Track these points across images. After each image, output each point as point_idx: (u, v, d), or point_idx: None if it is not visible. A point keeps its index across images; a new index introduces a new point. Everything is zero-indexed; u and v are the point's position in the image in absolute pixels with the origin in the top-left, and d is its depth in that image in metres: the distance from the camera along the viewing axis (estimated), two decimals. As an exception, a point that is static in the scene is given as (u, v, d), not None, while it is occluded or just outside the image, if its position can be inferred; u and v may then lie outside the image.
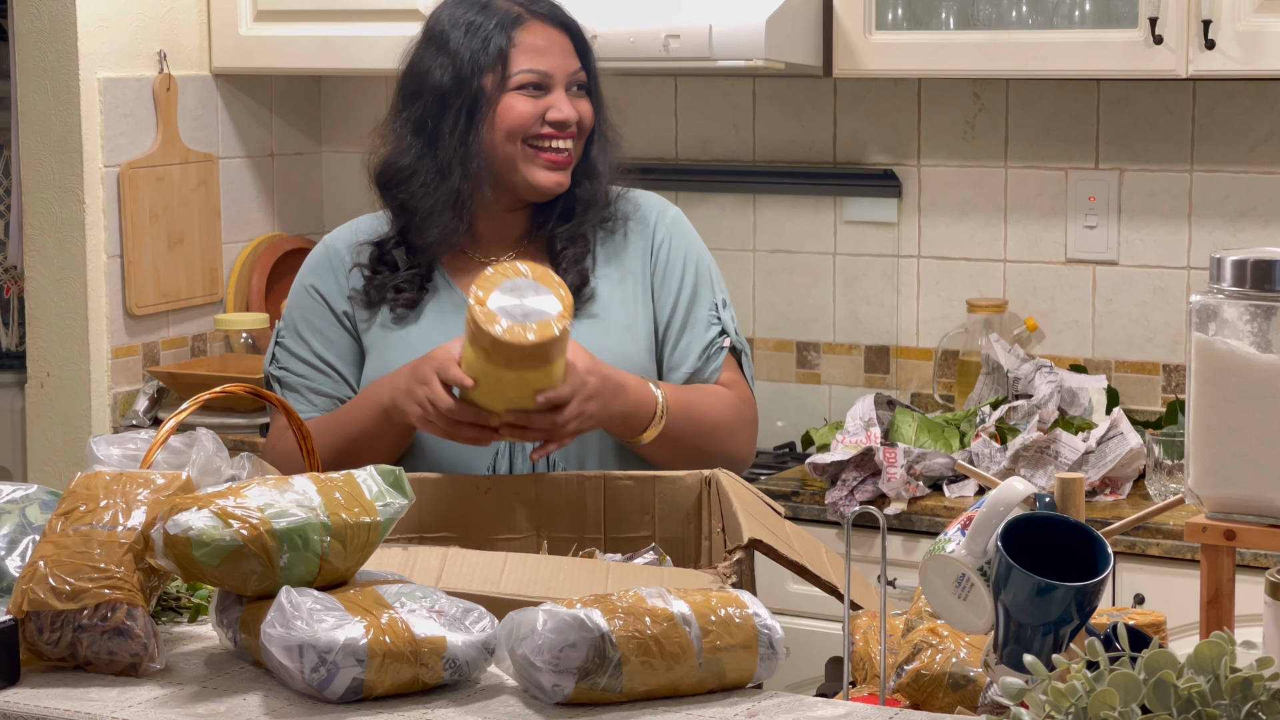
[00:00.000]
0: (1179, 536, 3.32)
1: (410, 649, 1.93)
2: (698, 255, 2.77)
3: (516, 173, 2.68)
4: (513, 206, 2.73)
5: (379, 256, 2.72)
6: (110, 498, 2.07)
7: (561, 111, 2.67)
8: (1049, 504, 1.96)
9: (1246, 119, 3.81)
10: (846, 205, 4.17)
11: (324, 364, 2.71)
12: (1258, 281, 1.97)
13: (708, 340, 2.73)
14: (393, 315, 2.70)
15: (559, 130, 2.67)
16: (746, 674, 1.97)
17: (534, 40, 2.69)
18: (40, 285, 4.19)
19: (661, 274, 2.74)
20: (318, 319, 2.72)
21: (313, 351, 2.72)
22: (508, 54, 2.67)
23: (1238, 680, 1.63)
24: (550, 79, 2.68)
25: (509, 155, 2.67)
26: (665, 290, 2.74)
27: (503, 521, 2.54)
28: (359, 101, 4.68)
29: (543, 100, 2.68)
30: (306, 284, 2.75)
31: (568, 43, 2.71)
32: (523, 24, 2.69)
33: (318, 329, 2.72)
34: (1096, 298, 3.97)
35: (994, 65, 3.72)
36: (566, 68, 2.69)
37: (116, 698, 1.96)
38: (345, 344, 2.72)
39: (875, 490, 3.56)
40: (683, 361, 2.72)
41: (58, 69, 4.12)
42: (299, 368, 2.72)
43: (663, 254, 2.75)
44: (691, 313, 2.74)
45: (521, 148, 2.67)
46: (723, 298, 2.77)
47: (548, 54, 2.68)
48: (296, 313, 2.75)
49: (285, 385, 2.71)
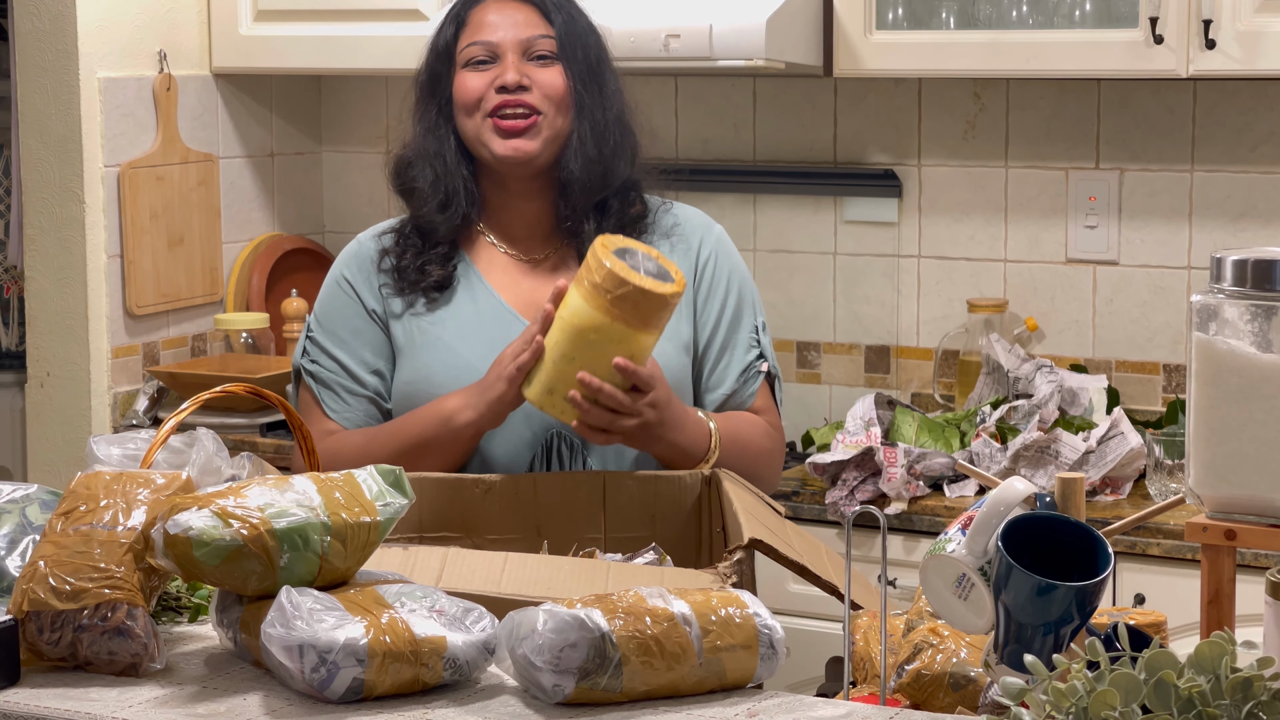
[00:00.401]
0: (1179, 536, 3.32)
1: (410, 649, 1.93)
2: (741, 276, 2.75)
3: (483, 146, 2.67)
4: (524, 194, 2.71)
5: (402, 238, 2.72)
6: (110, 498, 2.07)
7: (504, 76, 2.65)
8: (1049, 504, 1.96)
9: (1247, 119, 3.81)
10: (847, 205, 4.17)
11: (358, 362, 2.69)
12: (1258, 281, 1.97)
13: (746, 363, 2.71)
14: (426, 301, 2.68)
15: (507, 95, 2.64)
16: (747, 674, 1.97)
17: (485, 16, 2.69)
18: (40, 285, 4.19)
19: (706, 292, 2.72)
20: (350, 314, 2.71)
21: (346, 349, 2.69)
22: (458, 34, 2.69)
23: (1238, 680, 1.63)
24: (497, 48, 2.67)
25: (474, 131, 2.67)
26: (708, 309, 2.71)
27: (503, 521, 2.54)
28: (359, 101, 4.68)
29: (491, 71, 2.66)
30: (338, 278, 2.74)
31: (531, 14, 2.69)
32: (480, 2, 2.70)
33: (351, 325, 2.70)
34: (1097, 298, 3.97)
35: (994, 65, 3.72)
36: (518, 36, 2.67)
37: (116, 698, 1.96)
38: (378, 339, 2.70)
39: (875, 490, 3.56)
40: (721, 382, 2.70)
41: (58, 69, 4.12)
42: (332, 365, 2.70)
43: (708, 272, 2.72)
44: (733, 334, 2.71)
45: (482, 120, 2.66)
46: (762, 321, 2.75)
47: (498, 27, 2.68)
48: (329, 307, 2.73)
49: (320, 381, 2.70)
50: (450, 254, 2.70)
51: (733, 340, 2.71)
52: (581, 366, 2.44)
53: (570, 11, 2.72)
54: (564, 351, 2.45)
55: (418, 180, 2.70)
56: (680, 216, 2.76)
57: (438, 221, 2.69)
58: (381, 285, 2.70)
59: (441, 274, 2.68)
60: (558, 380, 2.46)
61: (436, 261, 2.69)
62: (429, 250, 2.70)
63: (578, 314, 2.43)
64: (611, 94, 2.73)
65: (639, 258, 2.44)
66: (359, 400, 2.69)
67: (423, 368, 2.65)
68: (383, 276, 2.71)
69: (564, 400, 2.46)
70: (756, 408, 2.72)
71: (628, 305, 2.41)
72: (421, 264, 2.69)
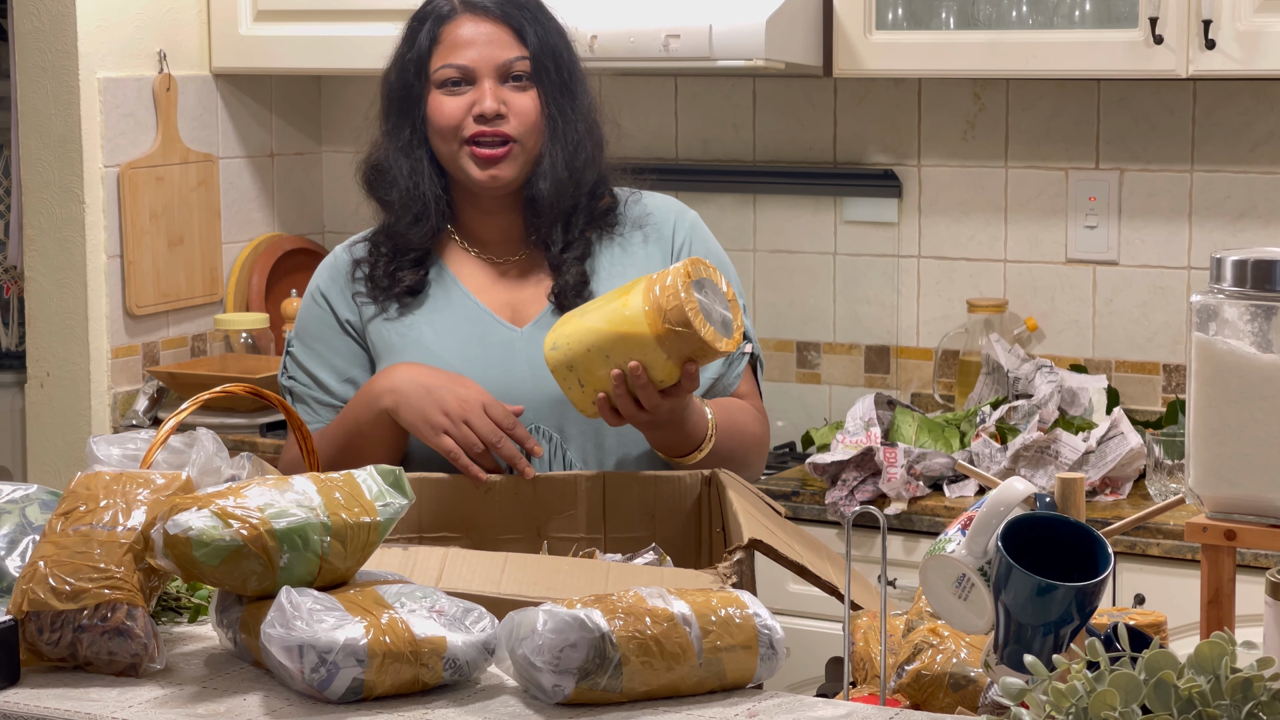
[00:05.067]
0: (1179, 536, 3.32)
1: (410, 649, 1.93)
2: (720, 260, 2.75)
3: (458, 169, 2.67)
4: (495, 208, 2.72)
5: (374, 248, 2.73)
6: (110, 498, 2.07)
7: (483, 104, 2.64)
8: (1049, 504, 1.96)
9: (1246, 119, 3.81)
10: (846, 205, 4.17)
11: (330, 373, 2.70)
12: (1258, 281, 1.97)
13: None
14: (400, 306, 2.69)
15: (485, 124, 2.64)
16: (747, 674, 1.97)
17: (459, 34, 2.66)
18: (40, 285, 4.19)
19: None
20: (323, 327, 2.72)
21: (318, 360, 2.71)
22: (430, 51, 2.67)
23: (1238, 680, 1.63)
24: (473, 72, 2.65)
25: (447, 153, 2.67)
26: None
27: (503, 521, 2.54)
28: (359, 101, 4.68)
29: (467, 96, 2.65)
30: (313, 292, 2.76)
31: (505, 34, 2.66)
32: (452, 19, 2.67)
33: (323, 337, 2.72)
34: (1097, 298, 3.97)
35: (994, 65, 3.72)
36: (494, 59, 2.65)
37: (116, 698, 1.96)
38: (351, 352, 2.71)
39: (875, 490, 3.56)
40: (706, 367, 2.71)
41: (58, 69, 4.13)
42: (304, 378, 2.72)
43: (684, 256, 2.73)
44: None
45: (459, 147, 2.65)
46: (742, 303, 2.76)
47: (472, 46, 2.65)
48: (304, 322, 2.75)
49: (294, 396, 2.72)
50: (422, 259, 2.71)
51: None
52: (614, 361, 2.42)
53: (542, 22, 2.69)
54: (599, 343, 2.42)
55: (391, 193, 2.70)
56: (650, 205, 2.76)
57: (411, 234, 2.70)
58: (355, 294, 2.71)
59: (414, 279, 2.69)
60: (582, 363, 2.44)
61: (409, 267, 2.70)
62: (401, 257, 2.70)
63: (632, 321, 2.40)
64: (582, 106, 2.71)
65: (714, 297, 2.42)
66: (327, 410, 2.70)
67: None
68: (357, 285, 2.71)
69: (578, 382, 2.45)
70: (742, 392, 2.73)
71: (679, 341, 2.39)
72: (394, 270, 2.70)
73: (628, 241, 2.71)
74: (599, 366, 2.42)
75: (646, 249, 2.71)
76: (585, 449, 2.65)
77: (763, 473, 2.78)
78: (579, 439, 2.64)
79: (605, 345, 2.41)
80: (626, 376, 2.41)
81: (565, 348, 2.44)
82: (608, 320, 2.42)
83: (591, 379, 2.43)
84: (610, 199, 2.74)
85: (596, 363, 2.43)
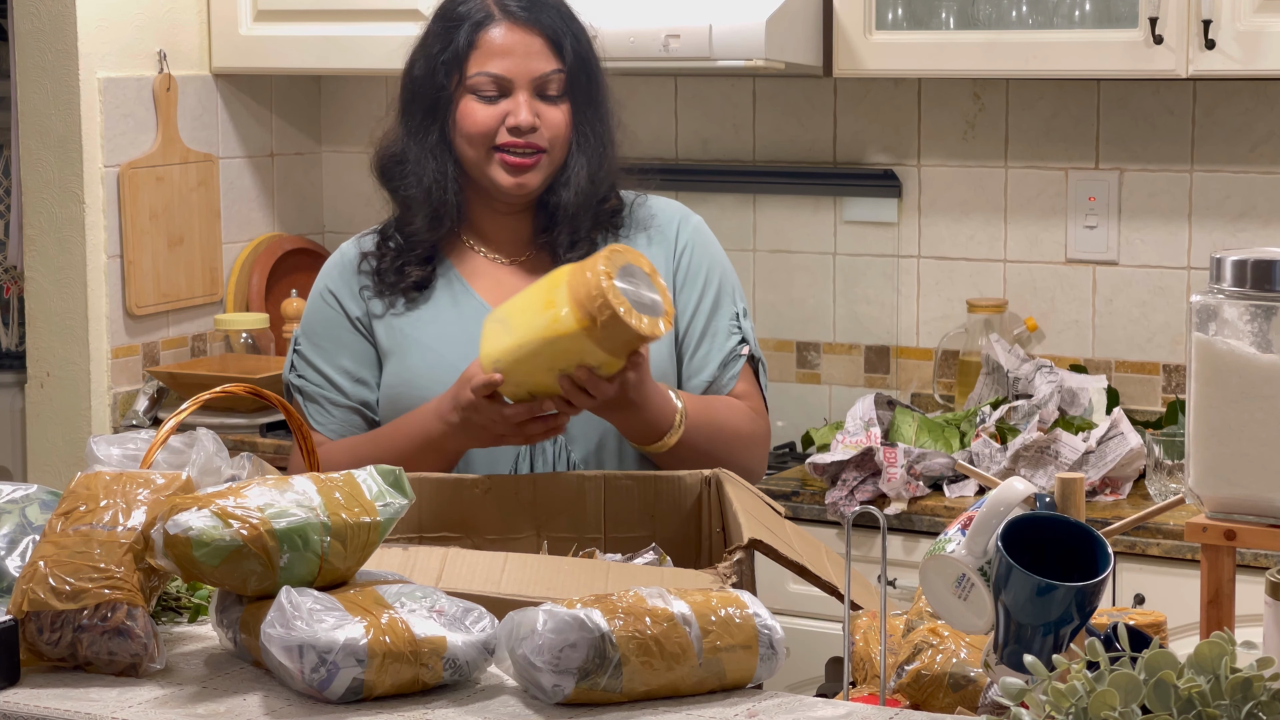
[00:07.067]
0: (1179, 536, 3.32)
1: (410, 649, 1.93)
2: (721, 264, 2.76)
3: (483, 175, 2.67)
4: (510, 209, 2.73)
5: (383, 242, 2.73)
6: (110, 498, 2.07)
7: (518, 117, 2.63)
8: (1049, 504, 1.96)
9: (1246, 119, 3.81)
10: (846, 205, 4.17)
11: (342, 374, 2.70)
12: (1258, 281, 1.97)
13: (728, 349, 2.72)
14: (405, 302, 2.69)
15: (518, 136, 2.63)
16: (747, 674, 1.97)
17: (497, 42, 2.65)
18: (40, 285, 4.19)
19: (683, 281, 2.72)
20: (333, 325, 2.72)
21: (330, 361, 2.71)
22: (467, 56, 2.65)
23: (1238, 680, 1.63)
24: (510, 83, 2.64)
25: (474, 158, 2.66)
26: (687, 298, 2.72)
27: (503, 521, 2.54)
28: (359, 101, 4.68)
29: (501, 106, 2.64)
30: (321, 289, 2.75)
31: (540, 44, 2.66)
32: (490, 24, 2.66)
33: (335, 337, 2.71)
34: (1096, 298, 3.97)
35: (994, 65, 3.72)
36: (531, 71, 2.64)
37: (116, 698, 1.96)
38: (363, 350, 2.71)
39: (875, 490, 3.56)
40: (701, 369, 2.71)
41: (58, 69, 4.13)
42: (316, 377, 2.71)
43: (685, 261, 2.73)
44: (712, 321, 2.72)
45: (488, 153, 2.65)
46: (743, 307, 2.76)
47: (509, 56, 2.64)
48: (312, 320, 2.74)
49: (305, 395, 2.71)
50: (429, 256, 2.71)
51: (713, 327, 2.72)
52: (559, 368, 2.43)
53: (576, 34, 2.69)
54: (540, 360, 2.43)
55: (411, 189, 2.69)
56: (655, 208, 2.77)
57: (425, 233, 2.69)
58: (362, 288, 2.71)
59: (420, 275, 2.69)
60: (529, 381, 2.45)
61: (415, 263, 2.70)
62: (408, 253, 2.70)
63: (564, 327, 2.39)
64: (605, 116, 2.72)
65: (641, 281, 2.42)
66: (341, 411, 2.69)
67: (406, 371, 2.66)
68: (363, 279, 2.71)
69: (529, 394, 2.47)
70: (738, 392, 2.73)
71: (613, 334, 2.39)
72: (400, 265, 2.70)
73: (632, 243, 2.71)
74: (545, 376, 2.45)
75: (650, 251, 2.72)
76: (587, 449, 2.65)
77: (764, 472, 2.77)
78: (582, 440, 2.65)
79: (546, 358, 2.43)
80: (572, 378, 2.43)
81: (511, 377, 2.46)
82: (540, 334, 2.42)
83: (542, 388, 2.46)
84: (616, 201, 2.75)
85: (541, 374, 2.45)
